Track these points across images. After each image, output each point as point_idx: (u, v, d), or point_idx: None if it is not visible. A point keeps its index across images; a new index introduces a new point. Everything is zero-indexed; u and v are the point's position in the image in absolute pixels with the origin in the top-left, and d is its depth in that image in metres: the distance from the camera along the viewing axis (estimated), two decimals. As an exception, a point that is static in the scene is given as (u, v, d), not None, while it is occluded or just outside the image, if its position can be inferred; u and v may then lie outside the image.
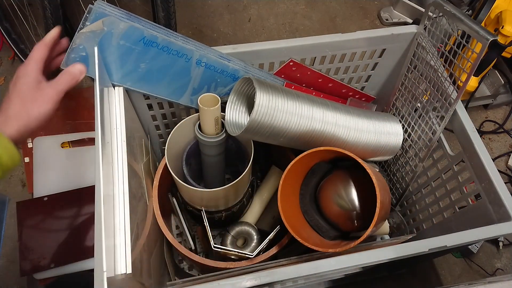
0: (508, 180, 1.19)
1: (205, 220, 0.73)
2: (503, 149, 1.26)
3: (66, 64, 0.57)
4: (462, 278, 1.05)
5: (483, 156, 0.66)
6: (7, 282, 0.96)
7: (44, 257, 0.86)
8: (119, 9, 0.57)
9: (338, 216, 0.73)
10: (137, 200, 0.64)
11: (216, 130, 0.70)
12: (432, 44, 0.75)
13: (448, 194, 0.78)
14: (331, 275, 0.85)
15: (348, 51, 0.80)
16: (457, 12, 0.66)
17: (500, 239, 1.07)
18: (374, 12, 1.55)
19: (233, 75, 0.72)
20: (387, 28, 0.79)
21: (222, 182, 0.85)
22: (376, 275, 1.01)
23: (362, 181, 0.71)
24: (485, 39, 0.61)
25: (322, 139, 0.70)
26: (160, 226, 0.74)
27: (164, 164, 0.78)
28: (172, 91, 0.69)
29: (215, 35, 1.44)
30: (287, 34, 1.47)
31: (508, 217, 0.61)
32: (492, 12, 1.09)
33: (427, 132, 0.78)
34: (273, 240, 0.75)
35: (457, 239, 0.59)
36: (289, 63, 0.75)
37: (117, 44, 0.58)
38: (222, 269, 0.69)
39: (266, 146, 0.85)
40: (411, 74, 0.81)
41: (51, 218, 0.92)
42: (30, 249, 0.87)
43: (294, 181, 0.75)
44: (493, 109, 1.34)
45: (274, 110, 0.62)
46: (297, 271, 0.55)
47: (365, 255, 0.56)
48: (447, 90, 0.71)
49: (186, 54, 0.65)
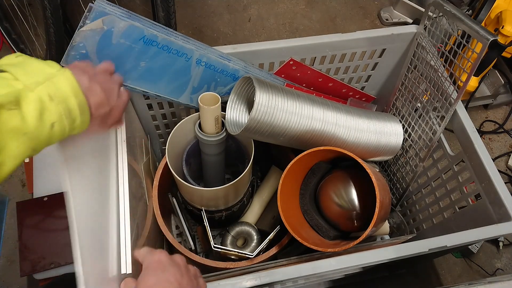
0: (508, 180, 1.19)
1: (205, 220, 0.73)
2: (503, 149, 1.26)
3: (66, 61, 0.57)
4: (462, 278, 1.05)
5: (483, 156, 0.66)
6: (7, 282, 0.96)
7: (44, 257, 0.86)
8: (119, 8, 0.57)
9: (338, 216, 0.73)
10: (137, 200, 0.64)
11: (216, 129, 0.70)
12: (432, 44, 0.75)
13: (448, 194, 0.78)
14: (331, 275, 0.85)
15: (348, 51, 0.80)
16: (457, 12, 0.66)
17: (500, 239, 1.07)
18: (374, 12, 1.55)
19: (233, 74, 0.72)
20: (387, 28, 0.79)
21: (222, 182, 0.85)
22: (376, 275, 1.01)
23: (362, 181, 0.71)
24: (485, 39, 0.61)
25: (322, 138, 0.70)
26: (160, 226, 0.74)
27: (164, 164, 0.78)
28: (172, 90, 0.69)
29: (215, 35, 1.44)
30: (287, 34, 1.47)
31: (508, 217, 0.61)
32: (492, 12, 1.09)
33: (427, 132, 0.78)
34: (273, 240, 0.75)
35: (457, 239, 0.59)
36: (289, 62, 0.75)
37: (117, 42, 0.58)
38: (222, 269, 0.69)
39: (266, 146, 0.85)
40: (411, 74, 0.81)
41: (51, 218, 0.92)
42: (30, 249, 0.87)
43: (294, 181, 0.75)
44: (493, 109, 1.34)
45: (274, 109, 0.62)
46: (297, 271, 0.55)
47: (365, 255, 0.56)
48: (447, 90, 0.71)
49: (186, 53, 0.65)
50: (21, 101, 0.36)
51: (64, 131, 0.41)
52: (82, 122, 0.43)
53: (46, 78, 0.39)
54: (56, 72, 0.40)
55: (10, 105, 0.36)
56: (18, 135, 0.36)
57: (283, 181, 0.70)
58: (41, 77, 0.38)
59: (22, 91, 0.37)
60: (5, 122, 0.35)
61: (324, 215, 0.76)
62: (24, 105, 0.37)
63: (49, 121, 0.38)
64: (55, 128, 0.39)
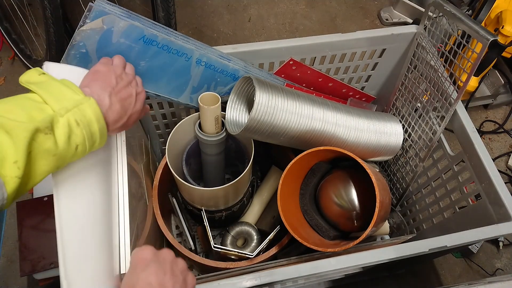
0: (508, 180, 1.19)
1: (205, 220, 0.73)
2: (503, 149, 1.26)
3: (66, 61, 0.57)
4: (462, 278, 1.05)
5: (483, 156, 0.66)
6: (7, 282, 0.96)
7: (44, 257, 0.86)
8: (119, 8, 0.57)
9: (338, 216, 0.73)
10: (137, 200, 0.64)
11: (217, 129, 0.70)
12: (432, 44, 0.75)
13: (448, 194, 0.78)
14: (331, 275, 0.85)
15: (348, 51, 0.80)
16: (457, 12, 0.66)
17: (500, 239, 1.07)
18: (374, 12, 1.55)
19: (233, 74, 0.72)
20: (387, 28, 0.79)
21: (222, 182, 0.85)
22: (376, 275, 1.01)
23: (362, 181, 0.71)
24: (485, 39, 0.61)
25: (322, 138, 0.70)
26: (160, 226, 0.74)
27: (164, 164, 0.78)
28: (172, 89, 0.69)
29: (215, 35, 1.44)
30: (287, 34, 1.47)
31: (508, 217, 0.61)
32: (492, 12, 1.09)
33: (427, 132, 0.78)
34: (273, 240, 0.75)
35: (457, 239, 0.59)
36: (289, 62, 0.75)
37: (117, 42, 0.58)
38: (222, 269, 0.69)
39: (266, 146, 0.85)
40: (411, 74, 0.81)
41: (51, 218, 0.92)
42: (30, 249, 0.87)
43: (294, 181, 0.75)
44: (493, 109, 1.34)
45: (273, 109, 0.62)
46: (297, 271, 0.55)
47: (365, 255, 0.56)
48: (447, 90, 0.71)
49: (186, 53, 0.65)
50: (53, 126, 0.41)
51: (85, 151, 0.46)
52: (100, 143, 0.48)
53: (74, 105, 0.43)
54: (81, 100, 0.44)
55: (46, 130, 0.40)
56: (49, 156, 0.41)
57: (283, 181, 0.70)
58: (69, 104, 0.43)
59: (55, 117, 0.41)
60: (41, 144, 0.40)
61: (324, 215, 0.75)
62: (56, 129, 0.41)
63: (74, 143, 0.43)
64: (78, 149, 0.44)
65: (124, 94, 0.51)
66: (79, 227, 0.47)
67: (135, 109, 0.54)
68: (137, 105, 0.54)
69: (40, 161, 0.40)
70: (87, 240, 0.47)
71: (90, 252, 0.47)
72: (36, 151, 0.39)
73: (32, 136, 0.38)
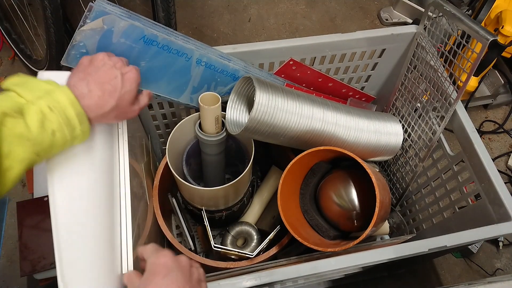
0: (508, 180, 1.19)
1: (205, 220, 0.73)
2: (503, 149, 1.26)
3: (66, 61, 0.57)
4: (462, 278, 1.05)
5: (483, 156, 0.66)
6: (7, 282, 0.96)
7: (44, 257, 0.86)
8: (120, 8, 0.57)
9: (338, 216, 0.73)
10: (138, 200, 0.64)
11: (217, 129, 0.70)
12: (432, 44, 0.75)
13: (448, 194, 0.78)
14: (331, 275, 0.85)
15: (348, 51, 0.80)
16: (457, 12, 0.67)
17: (500, 239, 1.07)
18: (374, 12, 1.55)
19: (233, 74, 0.72)
20: (387, 28, 0.79)
21: (222, 182, 0.85)
22: (376, 275, 1.01)
23: (362, 181, 0.71)
24: (485, 39, 0.61)
25: (322, 138, 0.70)
26: (160, 226, 0.74)
27: (164, 164, 0.78)
28: (172, 89, 0.69)
29: (215, 35, 1.44)
30: (287, 34, 1.47)
31: (508, 217, 0.61)
32: (492, 12, 1.09)
33: (427, 132, 0.78)
34: (273, 240, 0.75)
35: (457, 239, 0.59)
36: (289, 62, 0.75)
37: (117, 42, 0.58)
38: (222, 269, 0.69)
39: (266, 146, 0.86)
40: (411, 74, 0.81)
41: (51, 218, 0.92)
42: (30, 249, 0.87)
43: (294, 181, 0.75)
44: (493, 109, 1.34)
45: (274, 109, 0.62)
46: (297, 271, 0.55)
47: (365, 255, 0.56)
48: (447, 90, 0.71)
49: (186, 53, 0.65)
50: (24, 112, 0.42)
51: (66, 139, 0.45)
52: (82, 131, 0.47)
53: (46, 93, 0.44)
54: (54, 88, 0.45)
55: (14, 113, 0.41)
56: (23, 141, 0.41)
57: (283, 181, 0.70)
58: (41, 93, 0.44)
59: (25, 105, 0.42)
60: (12, 129, 0.40)
61: (324, 215, 0.76)
62: (27, 115, 0.42)
63: (50, 128, 0.43)
64: (56, 136, 0.44)
65: (104, 78, 0.50)
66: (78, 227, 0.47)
67: (124, 89, 0.51)
68: (125, 85, 0.52)
69: (16, 147, 0.40)
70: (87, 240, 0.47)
71: (90, 252, 0.47)
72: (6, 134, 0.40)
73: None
